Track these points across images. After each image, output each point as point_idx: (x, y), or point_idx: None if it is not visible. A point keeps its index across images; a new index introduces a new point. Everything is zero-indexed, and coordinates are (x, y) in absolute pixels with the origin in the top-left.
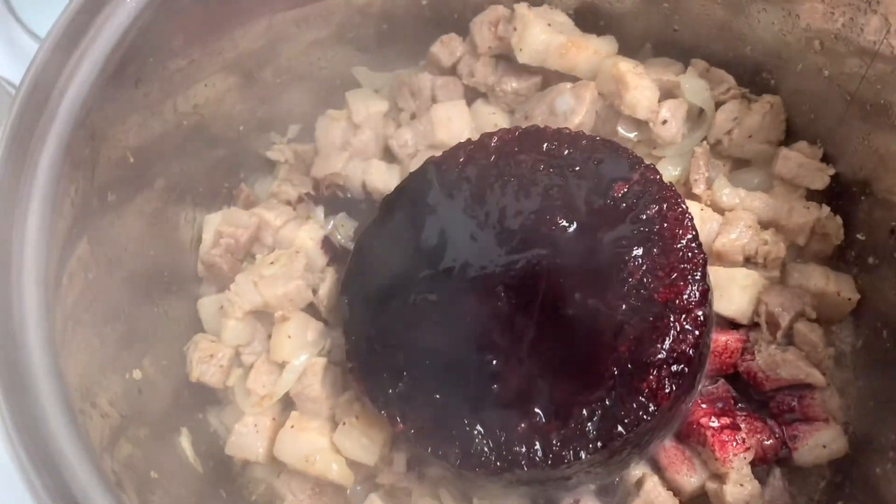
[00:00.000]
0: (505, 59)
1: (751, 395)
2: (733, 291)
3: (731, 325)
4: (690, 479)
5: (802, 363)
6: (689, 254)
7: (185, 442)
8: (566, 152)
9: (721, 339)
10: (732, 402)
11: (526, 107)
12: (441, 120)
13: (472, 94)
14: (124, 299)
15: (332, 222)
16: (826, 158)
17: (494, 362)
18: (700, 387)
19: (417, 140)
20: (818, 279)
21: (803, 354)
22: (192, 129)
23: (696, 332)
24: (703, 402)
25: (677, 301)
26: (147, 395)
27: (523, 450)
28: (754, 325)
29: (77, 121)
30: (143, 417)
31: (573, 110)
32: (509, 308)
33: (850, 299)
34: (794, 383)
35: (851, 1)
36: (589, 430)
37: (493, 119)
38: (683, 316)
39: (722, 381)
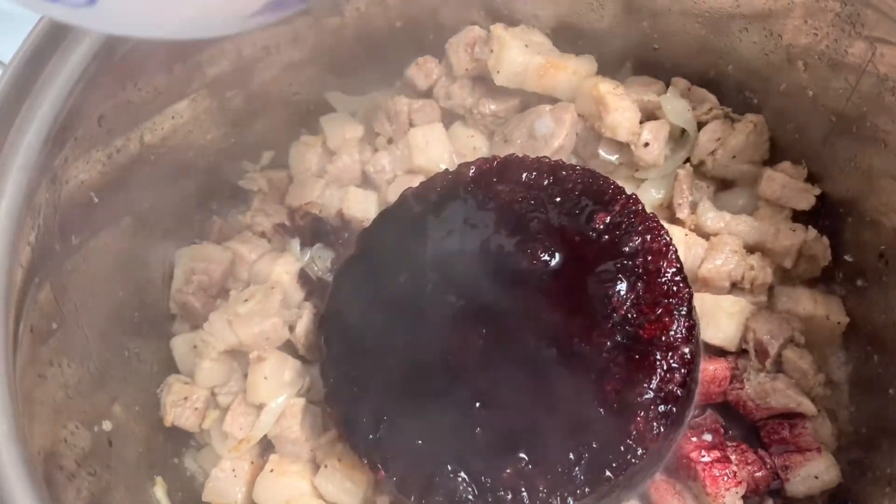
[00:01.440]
0: (482, 80)
1: (740, 419)
2: (720, 319)
3: (718, 351)
4: None
5: (793, 392)
6: (675, 287)
7: (159, 492)
8: (546, 182)
9: (709, 368)
10: (722, 431)
11: (505, 129)
12: (418, 144)
13: (450, 117)
14: (92, 346)
15: (308, 253)
16: (811, 178)
17: (478, 405)
18: (688, 419)
19: (395, 165)
20: (806, 303)
21: (793, 382)
22: (160, 162)
23: (684, 371)
24: (692, 435)
25: (663, 338)
26: (118, 446)
27: (509, 496)
28: (742, 352)
29: (37, 165)
30: (114, 471)
31: (553, 133)
32: (492, 347)
33: (839, 323)
34: (784, 412)
35: (835, 22)
36: (576, 475)
37: (472, 142)
38: (670, 354)
39: (710, 410)
